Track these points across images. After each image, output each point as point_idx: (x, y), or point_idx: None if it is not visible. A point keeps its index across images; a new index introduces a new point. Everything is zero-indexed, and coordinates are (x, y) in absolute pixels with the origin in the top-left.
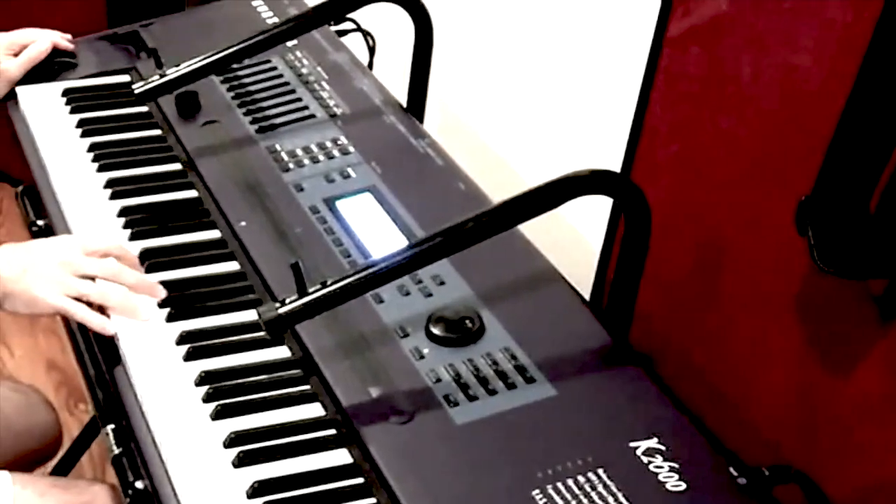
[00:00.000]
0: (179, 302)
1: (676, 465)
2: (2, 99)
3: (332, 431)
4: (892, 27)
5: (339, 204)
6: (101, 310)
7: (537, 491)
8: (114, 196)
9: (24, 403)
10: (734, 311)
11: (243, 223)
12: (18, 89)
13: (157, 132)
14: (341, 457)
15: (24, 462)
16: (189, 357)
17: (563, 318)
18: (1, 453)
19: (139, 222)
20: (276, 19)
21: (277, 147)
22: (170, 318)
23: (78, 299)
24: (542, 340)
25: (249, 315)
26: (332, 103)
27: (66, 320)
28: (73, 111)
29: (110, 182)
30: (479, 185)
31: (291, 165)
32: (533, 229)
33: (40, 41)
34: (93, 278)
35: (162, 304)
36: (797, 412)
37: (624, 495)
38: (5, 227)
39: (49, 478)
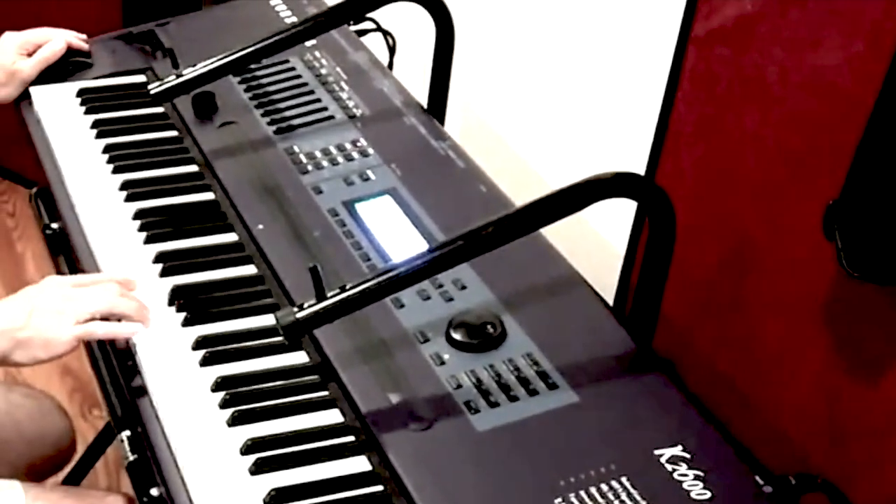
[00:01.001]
0: (195, 306)
1: (701, 474)
2: (16, 99)
3: (351, 438)
4: None
5: (359, 207)
6: None
7: (560, 500)
8: (129, 198)
9: (36, 409)
10: (760, 317)
11: (261, 226)
12: (32, 89)
13: (174, 133)
14: (360, 464)
15: (38, 469)
16: (205, 362)
17: (586, 323)
18: (14, 460)
19: (155, 225)
20: (294, 19)
21: (296, 149)
22: (186, 323)
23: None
24: (564, 346)
25: (267, 320)
26: (351, 104)
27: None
28: (87, 112)
29: (126, 184)
30: (501, 187)
31: (310, 167)
32: (556, 233)
33: (54, 41)
34: None
35: (178, 309)
36: (824, 419)
37: None
38: (19, 229)
39: (62, 488)
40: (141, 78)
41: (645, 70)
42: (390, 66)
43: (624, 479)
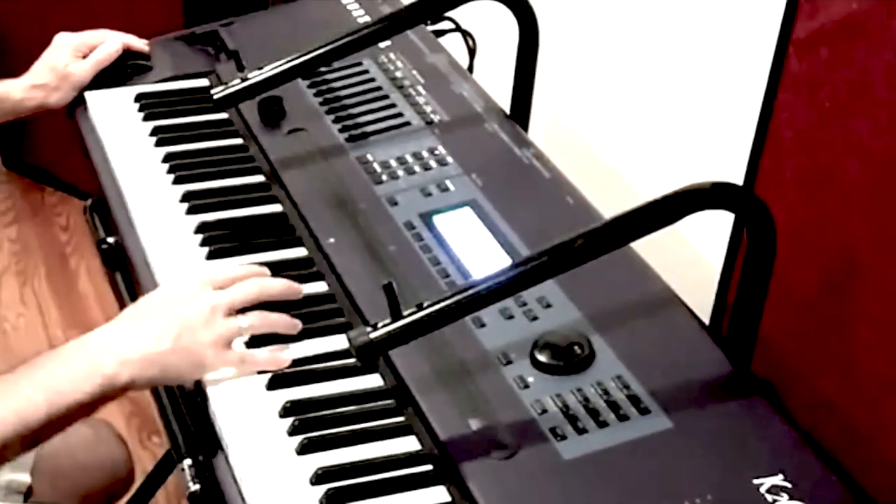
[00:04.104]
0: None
1: None
2: (70, 105)
3: (429, 467)
4: None
5: (437, 219)
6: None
7: None
8: (191, 210)
9: (92, 436)
10: (868, 337)
11: (332, 240)
12: (87, 94)
13: (238, 141)
14: (438, 495)
15: (94, 498)
16: (273, 385)
17: (680, 343)
18: (69, 489)
19: (218, 239)
20: (367, 18)
21: (369, 157)
22: (251, 344)
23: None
24: (657, 368)
25: (338, 340)
26: (428, 109)
27: None
28: (146, 118)
29: (187, 195)
30: (589, 198)
31: (384, 177)
32: (647, 247)
33: (110, 42)
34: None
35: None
36: None
37: None
38: (72, 244)
39: None
40: (203, 82)
41: (743, 74)
42: (470, 68)
43: None
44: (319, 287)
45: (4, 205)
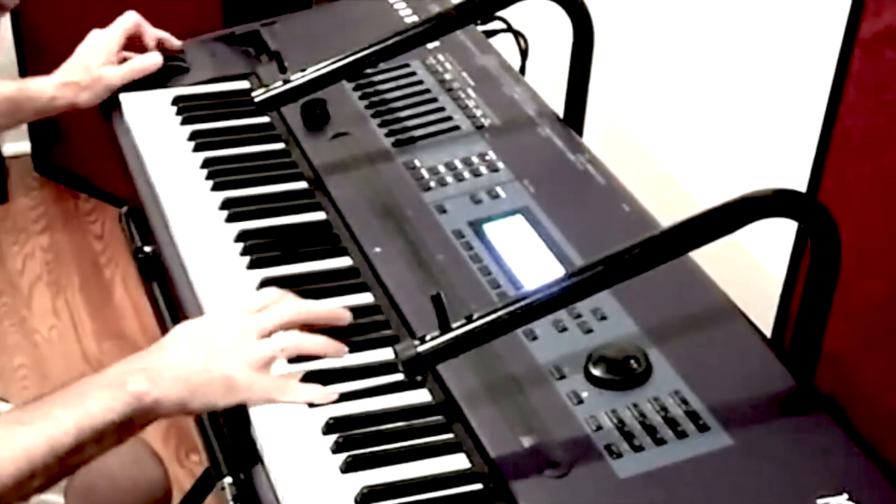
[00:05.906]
0: None
1: None
2: (105, 108)
3: (479, 486)
4: None
5: (487, 227)
6: None
7: None
8: (231, 218)
9: (129, 456)
10: None
11: (378, 249)
12: (122, 97)
13: (280, 146)
14: None
15: None
16: None
17: (740, 357)
18: None
19: (259, 248)
20: (415, 17)
21: (416, 163)
22: (294, 358)
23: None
24: (716, 383)
25: (384, 354)
26: (478, 113)
27: None
28: (184, 122)
29: (227, 202)
30: (646, 206)
31: (433, 184)
32: (707, 256)
33: (150, 56)
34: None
35: None
36: None
37: None
38: (107, 253)
39: None
40: (244, 84)
41: (806, 76)
42: (522, 70)
43: None
44: (365, 298)
45: (36, 212)
